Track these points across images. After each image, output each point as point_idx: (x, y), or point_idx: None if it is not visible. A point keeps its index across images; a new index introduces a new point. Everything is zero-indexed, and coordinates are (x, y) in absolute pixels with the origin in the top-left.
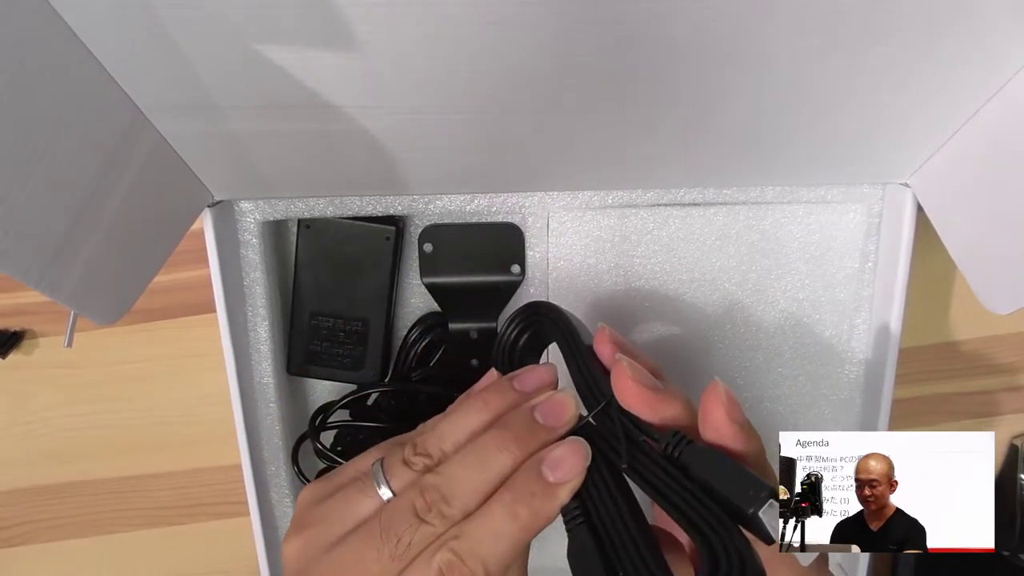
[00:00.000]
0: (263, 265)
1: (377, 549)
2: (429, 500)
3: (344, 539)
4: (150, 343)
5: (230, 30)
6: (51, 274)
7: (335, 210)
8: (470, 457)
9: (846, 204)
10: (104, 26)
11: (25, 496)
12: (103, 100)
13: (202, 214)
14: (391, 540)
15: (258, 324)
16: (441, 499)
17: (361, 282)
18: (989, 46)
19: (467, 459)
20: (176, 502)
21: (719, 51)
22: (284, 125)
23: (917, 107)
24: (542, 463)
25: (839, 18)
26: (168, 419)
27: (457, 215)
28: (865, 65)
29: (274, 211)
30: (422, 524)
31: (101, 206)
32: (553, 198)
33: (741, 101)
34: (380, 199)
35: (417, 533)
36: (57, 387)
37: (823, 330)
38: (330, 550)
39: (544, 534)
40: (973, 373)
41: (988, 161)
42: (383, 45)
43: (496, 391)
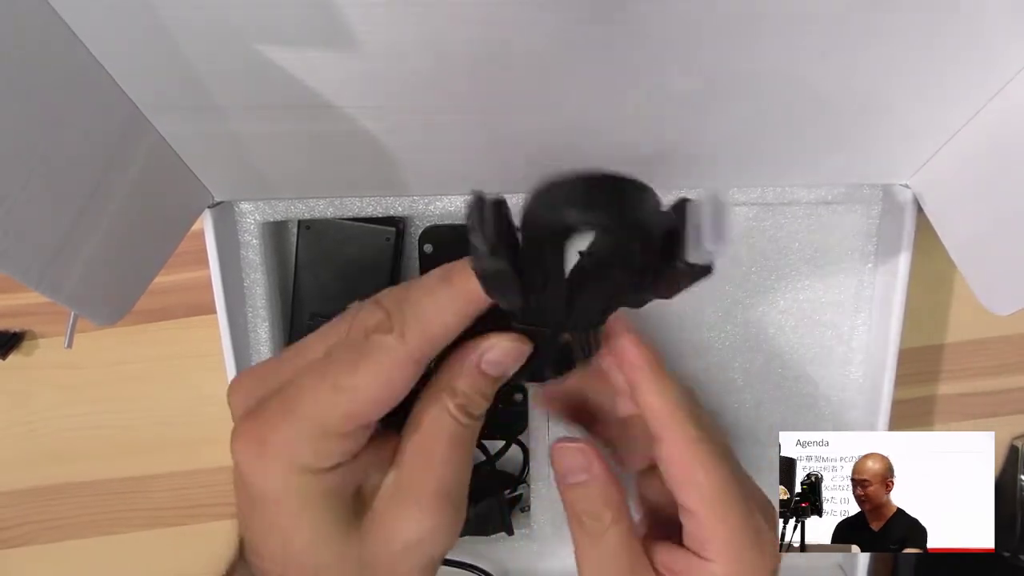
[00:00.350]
0: (263, 266)
1: (326, 329)
2: (389, 291)
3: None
4: (150, 344)
5: (230, 30)
6: (51, 275)
7: (335, 211)
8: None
9: (846, 205)
10: (104, 26)
11: (25, 497)
12: (103, 100)
13: (202, 215)
14: (342, 322)
15: (258, 325)
16: (400, 289)
17: (361, 283)
18: (989, 47)
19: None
20: (176, 503)
21: (720, 51)
22: (284, 126)
23: (917, 108)
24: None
25: (839, 19)
26: (168, 420)
27: (457, 216)
28: (865, 66)
29: (274, 212)
30: (373, 304)
31: (101, 207)
32: None
33: (741, 102)
34: (380, 200)
35: (363, 310)
36: (57, 388)
37: (823, 331)
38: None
39: (545, 535)
40: (973, 374)
41: (988, 162)
42: (383, 45)
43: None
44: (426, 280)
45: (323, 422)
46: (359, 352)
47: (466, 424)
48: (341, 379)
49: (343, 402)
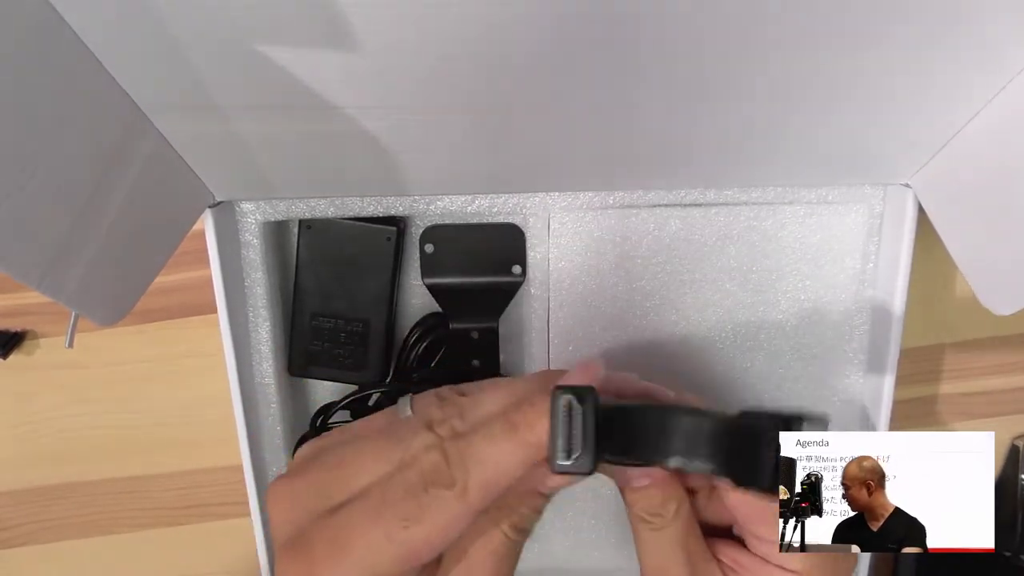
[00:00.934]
0: (264, 266)
1: (378, 449)
2: (445, 413)
3: (352, 443)
4: (151, 344)
5: (231, 30)
6: (52, 275)
7: (336, 211)
8: (500, 390)
9: (847, 205)
10: (105, 26)
11: (26, 497)
12: (104, 100)
13: (203, 215)
14: (396, 444)
15: (259, 325)
16: (457, 414)
17: (362, 283)
18: (990, 46)
19: (496, 390)
20: (177, 502)
21: (721, 51)
22: (285, 125)
23: (918, 108)
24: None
25: (840, 18)
26: (169, 419)
27: (458, 216)
28: (867, 66)
29: (275, 212)
30: (430, 433)
31: (102, 207)
32: (554, 199)
33: (742, 101)
34: (381, 200)
35: (418, 438)
36: (58, 388)
37: (824, 331)
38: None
39: (544, 533)
40: (974, 374)
41: (989, 162)
42: (384, 45)
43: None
44: (489, 423)
45: (374, 569)
46: (418, 505)
47: (514, 539)
48: (397, 533)
49: (396, 551)
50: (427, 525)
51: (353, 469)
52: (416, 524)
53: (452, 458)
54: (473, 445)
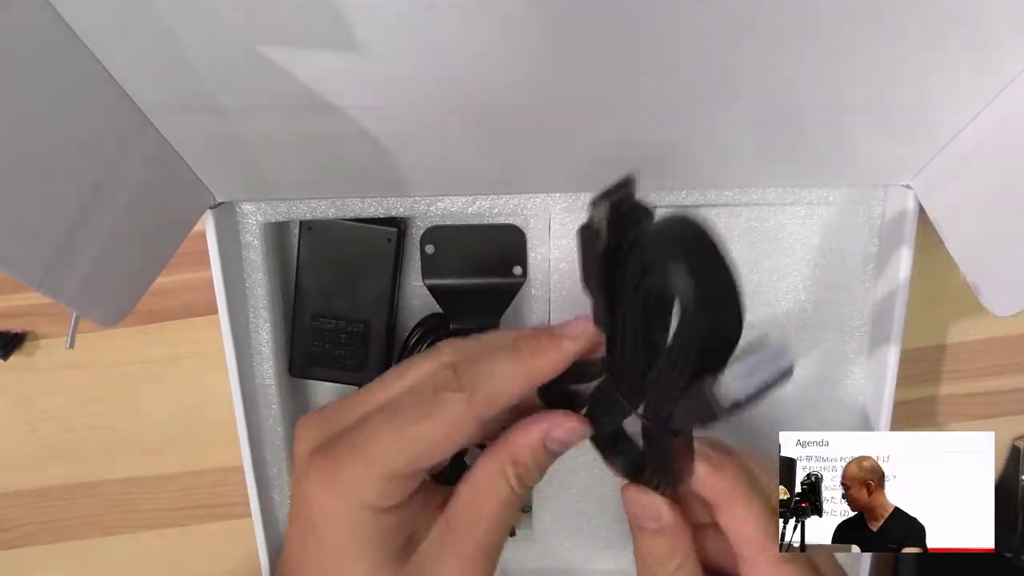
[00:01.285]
0: (265, 267)
1: (396, 374)
2: (455, 345)
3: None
4: (152, 344)
5: (232, 31)
6: (53, 275)
7: (337, 212)
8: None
9: (848, 206)
10: (106, 27)
11: (27, 497)
12: (105, 101)
13: (204, 216)
14: (413, 368)
15: (260, 326)
16: (468, 345)
17: (363, 284)
18: (991, 48)
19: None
20: (178, 503)
21: (721, 54)
22: (286, 126)
23: (919, 109)
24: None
25: (841, 20)
26: (170, 421)
27: (459, 216)
28: (867, 67)
29: (276, 213)
30: (443, 355)
31: (103, 208)
32: (555, 200)
33: (743, 102)
34: (382, 200)
35: (431, 360)
36: (59, 388)
37: (824, 331)
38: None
39: (546, 536)
40: (975, 375)
41: (990, 163)
42: (385, 46)
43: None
44: (495, 345)
45: (389, 465)
46: (428, 404)
47: (518, 493)
48: (408, 428)
49: (408, 448)
50: (435, 421)
51: (373, 391)
52: (425, 420)
53: (461, 372)
54: (482, 362)
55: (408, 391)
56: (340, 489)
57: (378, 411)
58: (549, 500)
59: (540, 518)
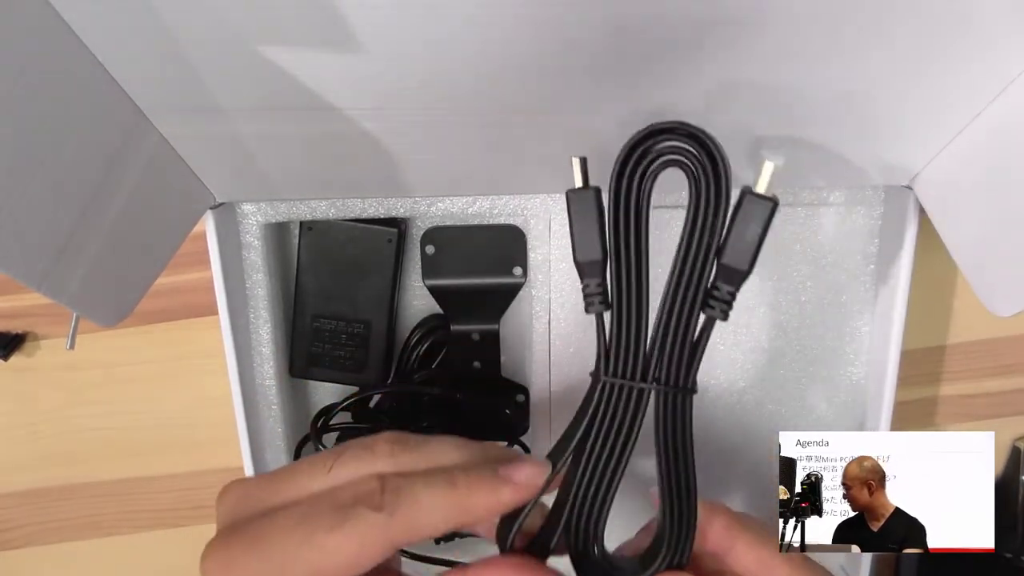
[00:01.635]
0: (265, 267)
1: (319, 463)
2: (394, 451)
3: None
4: (152, 345)
5: (232, 32)
6: (53, 276)
7: (337, 212)
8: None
9: (848, 206)
10: (106, 28)
11: (27, 498)
12: (105, 102)
13: (204, 216)
14: (340, 466)
15: (260, 326)
16: (407, 456)
17: (363, 284)
18: (991, 49)
19: (450, 447)
20: (178, 504)
21: (722, 53)
22: (286, 127)
23: (919, 109)
24: (500, 463)
25: (841, 21)
26: (170, 421)
27: (459, 217)
28: (867, 67)
29: (276, 213)
30: (375, 463)
31: (103, 208)
32: (555, 200)
33: (742, 103)
34: (382, 201)
35: (363, 465)
36: (59, 389)
37: (825, 332)
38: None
39: None
40: (976, 375)
41: (990, 163)
42: (385, 47)
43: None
44: (436, 465)
45: (284, 570)
46: (341, 516)
47: None
48: (315, 536)
49: (312, 557)
50: (346, 535)
51: (299, 476)
52: (336, 531)
53: (388, 489)
54: (414, 484)
55: (328, 492)
56: None
57: (295, 504)
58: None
59: None
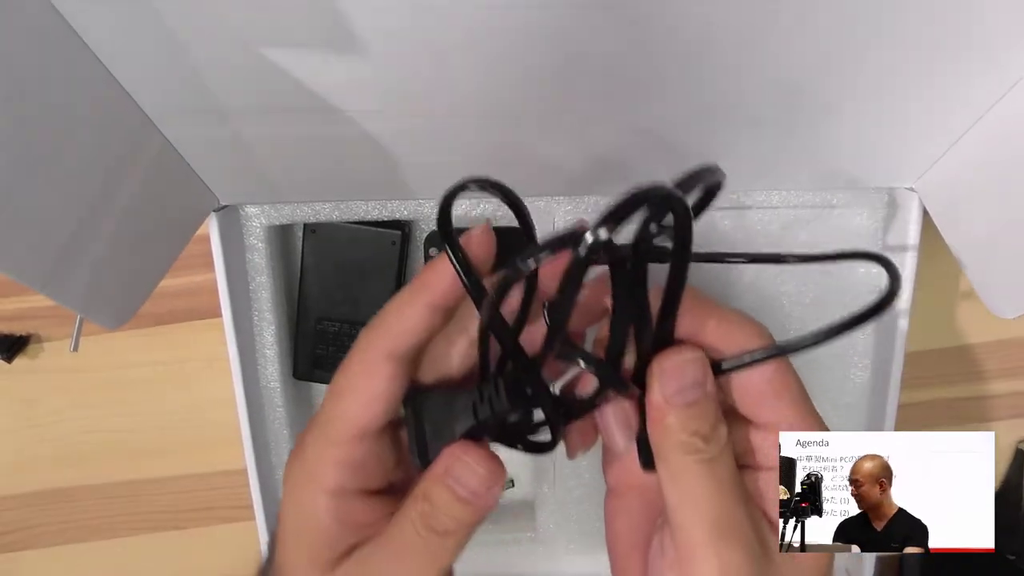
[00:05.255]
0: (269, 270)
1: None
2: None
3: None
4: (156, 347)
5: (236, 35)
6: (57, 277)
7: (341, 214)
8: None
9: (852, 208)
10: (111, 32)
11: (31, 500)
12: (109, 105)
13: (208, 219)
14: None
15: (264, 328)
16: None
17: (367, 286)
18: (993, 51)
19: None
20: (182, 506)
21: (727, 57)
22: (290, 129)
23: (922, 112)
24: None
25: (845, 23)
26: (174, 423)
27: (463, 220)
28: (870, 70)
29: (280, 216)
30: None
31: (107, 210)
32: (559, 203)
33: (747, 107)
34: (386, 204)
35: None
36: (63, 391)
37: None
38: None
39: (550, 537)
40: (979, 377)
41: (993, 165)
42: (389, 50)
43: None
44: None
45: (327, 432)
46: (348, 358)
47: (423, 536)
48: (336, 385)
49: (339, 409)
50: (352, 370)
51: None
52: (345, 371)
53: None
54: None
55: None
56: (302, 470)
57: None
58: (554, 503)
59: (545, 521)
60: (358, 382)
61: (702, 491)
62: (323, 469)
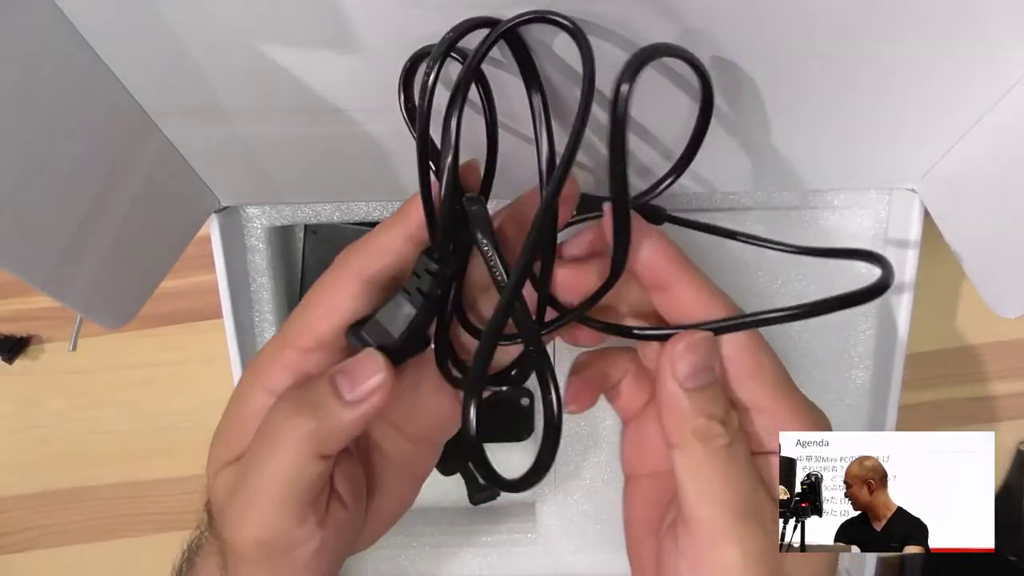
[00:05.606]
0: (270, 271)
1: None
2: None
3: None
4: (157, 348)
5: (237, 34)
6: (58, 277)
7: (342, 215)
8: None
9: (853, 209)
10: (112, 30)
11: (32, 501)
12: (110, 104)
13: (209, 220)
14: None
15: (265, 329)
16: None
17: None
18: (994, 50)
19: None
20: (182, 507)
21: (728, 57)
22: (291, 129)
23: (923, 112)
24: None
25: (845, 23)
26: (175, 424)
27: None
28: (871, 69)
29: (281, 217)
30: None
31: (108, 210)
32: None
33: (747, 108)
34: (387, 204)
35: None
36: (64, 392)
37: (830, 335)
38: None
39: (551, 538)
40: (981, 378)
41: (995, 166)
42: (390, 48)
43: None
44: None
45: (285, 335)
46: (322, 275)
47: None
48: (305, 298)
49: (301, 318)
50: (323, 284)
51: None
52: (315, 290)
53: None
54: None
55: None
56: (253, 368)
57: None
58: (554, 503)
59: (545, 521)
60: (324, 295)
61: (721, 477)
62: (270, 370)
